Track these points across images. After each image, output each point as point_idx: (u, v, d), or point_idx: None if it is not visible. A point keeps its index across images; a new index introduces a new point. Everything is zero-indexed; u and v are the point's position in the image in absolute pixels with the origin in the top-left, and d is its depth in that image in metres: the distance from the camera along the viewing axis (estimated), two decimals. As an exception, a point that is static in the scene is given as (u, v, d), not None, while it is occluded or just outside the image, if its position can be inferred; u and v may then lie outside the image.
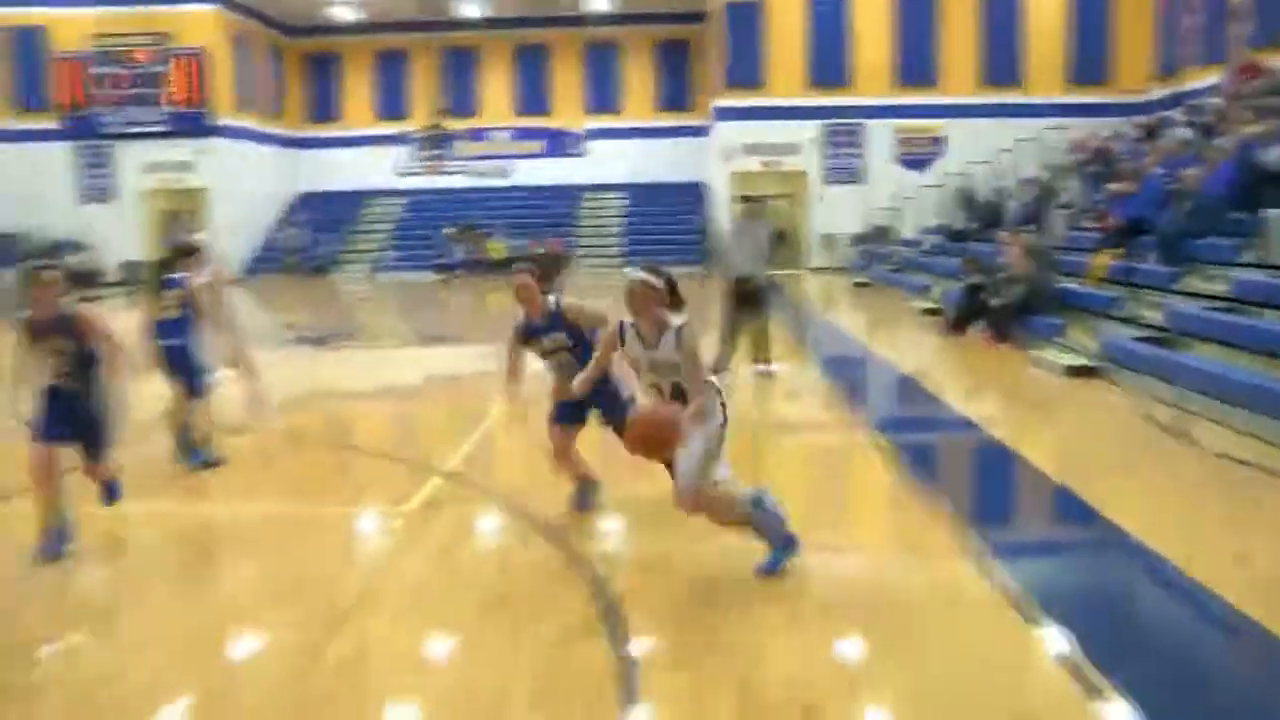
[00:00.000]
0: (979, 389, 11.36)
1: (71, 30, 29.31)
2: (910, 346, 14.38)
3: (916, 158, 28.04)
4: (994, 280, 14.08)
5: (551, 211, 31.65)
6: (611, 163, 32.57)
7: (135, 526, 6.46)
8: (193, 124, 29.33)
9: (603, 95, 33.13)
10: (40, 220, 27.96)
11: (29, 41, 29.57)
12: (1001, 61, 27.41)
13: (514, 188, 32.65)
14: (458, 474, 7.47)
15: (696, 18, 31.22)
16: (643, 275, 4.94)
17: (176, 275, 7.98)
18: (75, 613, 5.07)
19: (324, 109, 34.27)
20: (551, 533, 5.98)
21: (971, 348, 13.54)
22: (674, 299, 4.98)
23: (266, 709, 4.04)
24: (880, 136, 28.03)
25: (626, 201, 32.24)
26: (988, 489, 7.34)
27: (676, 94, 32.91)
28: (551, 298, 6.19)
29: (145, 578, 5.64)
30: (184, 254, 8.35)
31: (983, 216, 21.19)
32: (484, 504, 6.81)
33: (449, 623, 4.78)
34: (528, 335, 6.16)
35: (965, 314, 14.24)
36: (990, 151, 25.30)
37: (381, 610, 4.98)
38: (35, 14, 29.33)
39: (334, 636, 4.64)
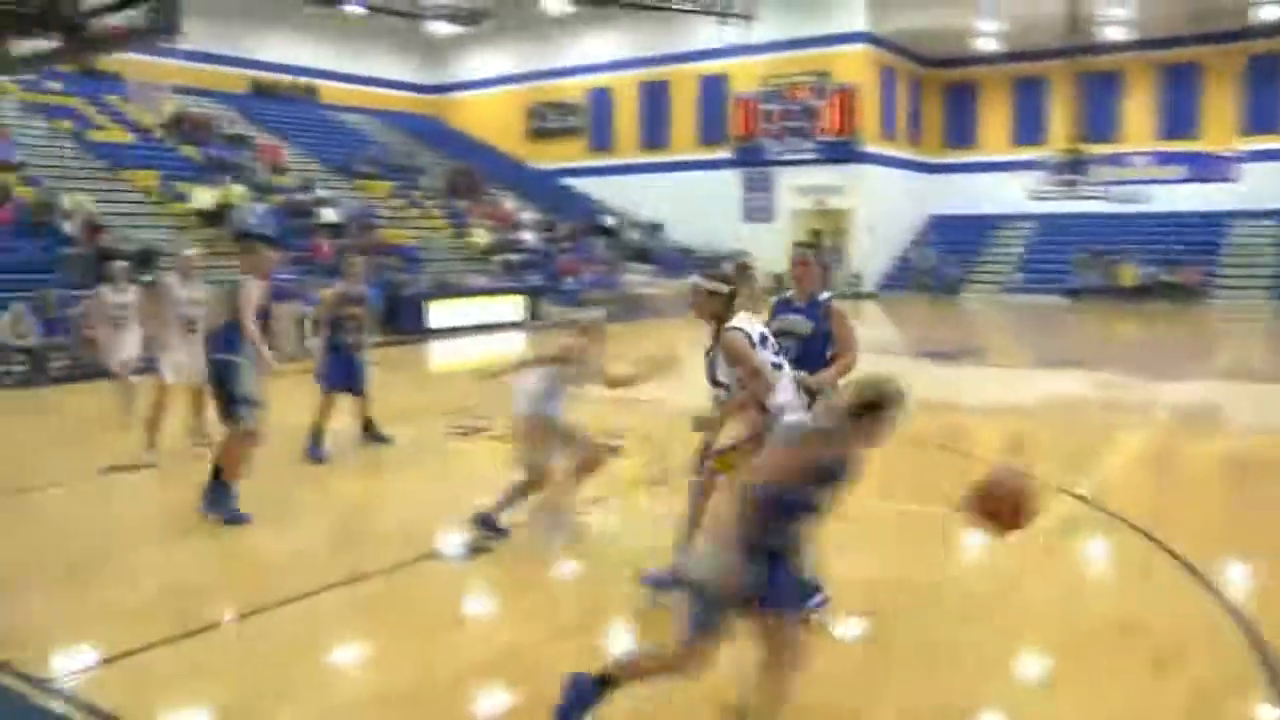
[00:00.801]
0: None
1: (747, 75, 32.54)
2: None
3: None
4: None
5: (1191, 239, 29.10)
6: (1268, 187, 29.02)
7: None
8: (842, 152, 31.14)
9: (1263, 113, 29.65)
10: (710, 236, 31.43)
11: (714, 87, 33.38)
12: None
13: (1150, 214, 30.43)
14: (1088, 497, 7.27)
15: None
16: (696, 279, 4.91)
17: None
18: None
19: (960, 135, 34.57)
20: (1201, 572, 5.52)
21: None
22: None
23: (837, 684, 4.16)
24: None
25: (1279, 227, 28.63)
26: None
27: (1359, 108, 28.52)
28: (825, 293, 5.41)
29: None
30: (741, 271, 8.55)
31: None
32: (1120, 532, 6.47)
33: (1064, 647, 4.59)
34: (775, 308, 5.50)
35: None
36: None
37: (994, 621, 4.95)
38: (721, 64, 33.01)
39: (917, 635, 4.74)
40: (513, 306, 21.67)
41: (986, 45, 31.61)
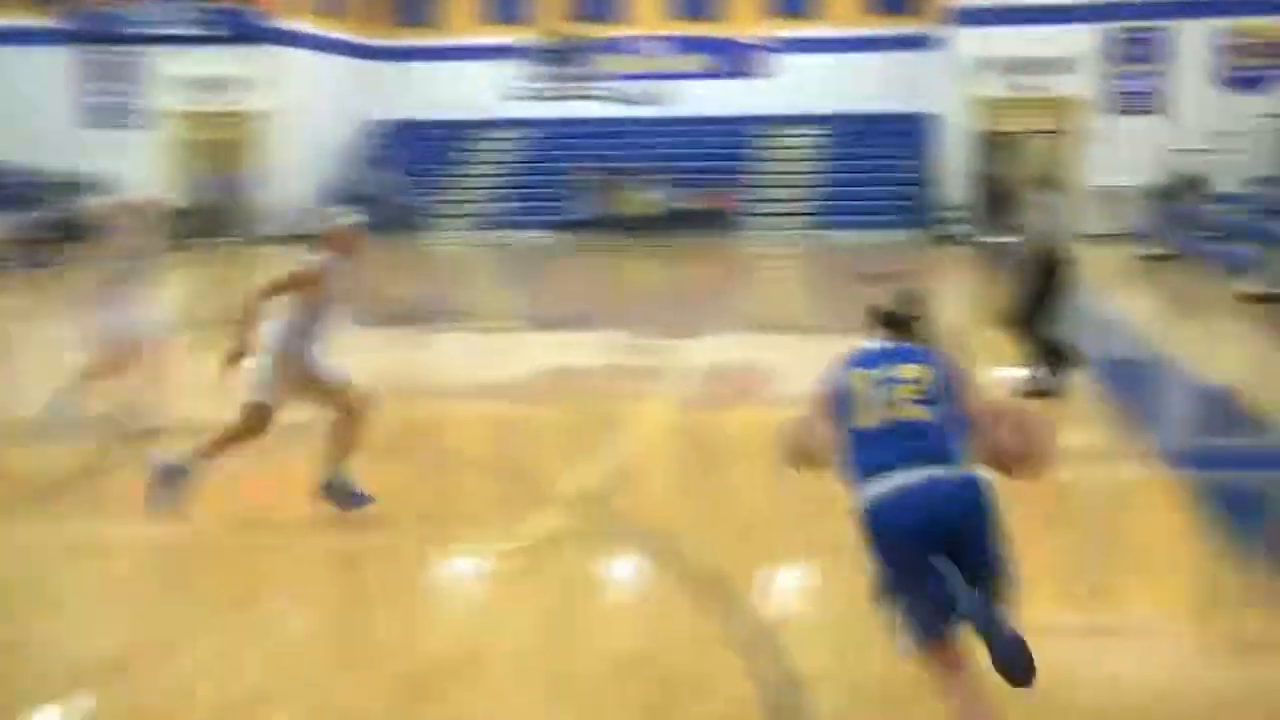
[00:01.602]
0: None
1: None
2: (1230, 348, 13.98)
3: (1249, 75, 27.13)
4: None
5: (720, 152, 31.61)
6: (805, 86, 32.22)
7: (131, 551, 6.77)
8: (240, 25, 30.41)
9: (795, -9, 33.05)
10: (25, 149, 28.80)
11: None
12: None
13: (670, 119, 32.69)
14: (585, 502, 7.56)
15: (929, -119, 30.87)
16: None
17: None
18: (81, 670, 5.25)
19: (414, 8, 35.08)
20: (711, 587, 5.97)
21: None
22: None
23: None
24: (1194, 44, 27.37)
25: (824, 138, 32.01)
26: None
27: (898, -12, 32.54)
28: None
29: (177, 622, 5.80)
30: None
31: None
32: (620, 544, 6.87)
33: (568, 699, 4.83)
34: None
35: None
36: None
37: (481, 680, 5.08)
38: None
39: (418, 713, 4.77)
40: None
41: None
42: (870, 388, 4.13)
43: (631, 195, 30.03)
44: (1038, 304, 10.87)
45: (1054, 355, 10.72)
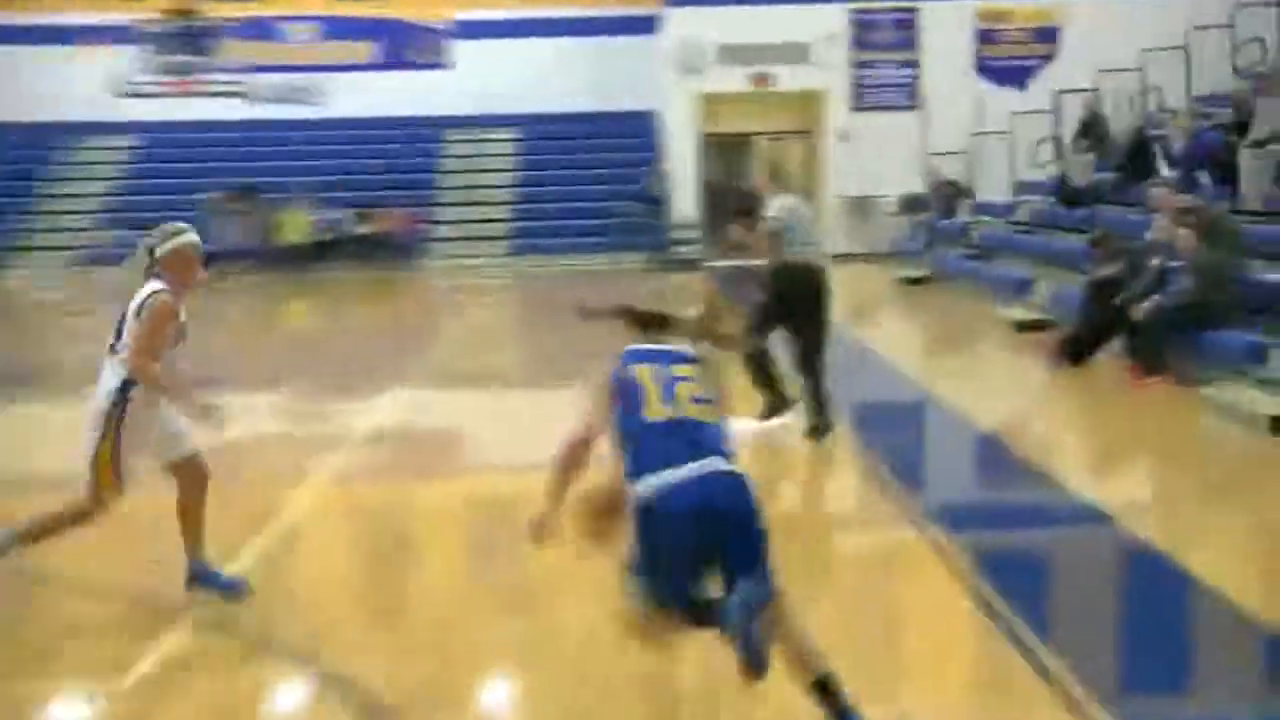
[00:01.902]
0: (1116, 456, 11.53)
1: None
2: (998, 385, 14.70)
3: (1010, 65, 28.43)
4: (1143, 272, 14.19)
5: (395, 163, 31.63)
6: (494, 78, 32.38)
7: None
8: None
9: (478, -37, 33.28)
10: None
11: None
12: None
13: (328, 122, 32.50)
14: (222, 616, 7.37)
15: None
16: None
17: None
18: None
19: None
20: (383, 714, 5.95)
21: (1103, 385, 13.72)
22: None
23: None
24: (948, 29, 28.59)
25: (524, 144, 32.31)
26: (1134, 628, 7.29)
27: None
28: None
29: None
30: None
31: (1123, 164, 21.36)
32: (268, 667, 6.78)
33: None
34: None
35: (1094, 329, 14.35)
36: (1135, 53, 25.50)
37: None
38: None
39: None
40: None
41: None
42: (655, 383, 5.09)
43: (285, 218, 29.71)
44: (791, 335, 11.13)
45: (813, 406, 11.02)
